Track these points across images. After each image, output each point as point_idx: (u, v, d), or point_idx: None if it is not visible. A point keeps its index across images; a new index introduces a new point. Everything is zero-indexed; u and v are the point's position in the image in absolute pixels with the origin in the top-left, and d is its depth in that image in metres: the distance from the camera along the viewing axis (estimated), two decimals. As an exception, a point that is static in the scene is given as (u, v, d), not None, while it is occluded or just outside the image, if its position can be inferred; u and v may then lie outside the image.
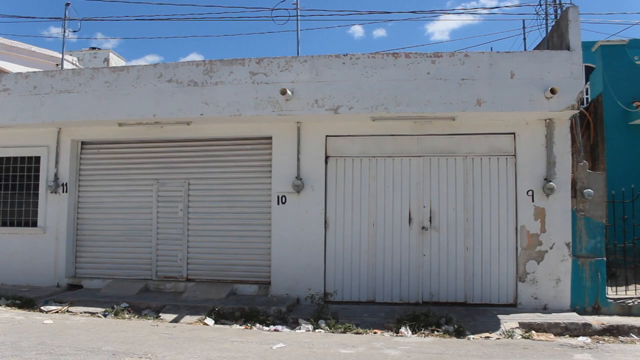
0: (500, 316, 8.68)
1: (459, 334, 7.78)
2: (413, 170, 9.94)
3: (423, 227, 9.83)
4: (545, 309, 9.21)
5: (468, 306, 9.52)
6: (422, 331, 7.91)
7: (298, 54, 11.53)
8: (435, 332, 7.87)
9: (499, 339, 7.62)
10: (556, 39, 9.98)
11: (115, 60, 21.91)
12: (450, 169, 9.86)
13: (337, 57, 9.57)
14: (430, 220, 9.83)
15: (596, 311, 9.25)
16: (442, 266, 9.76)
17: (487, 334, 7.79)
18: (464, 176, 9.81)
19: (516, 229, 9.56)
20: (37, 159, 11.50)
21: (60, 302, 9.69)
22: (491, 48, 23.32)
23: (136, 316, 8.99)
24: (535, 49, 12.63)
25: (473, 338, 7.61)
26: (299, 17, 12.79)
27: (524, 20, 22.44)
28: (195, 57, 66.82)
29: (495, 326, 8.15)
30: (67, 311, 9.28)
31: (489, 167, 9.77)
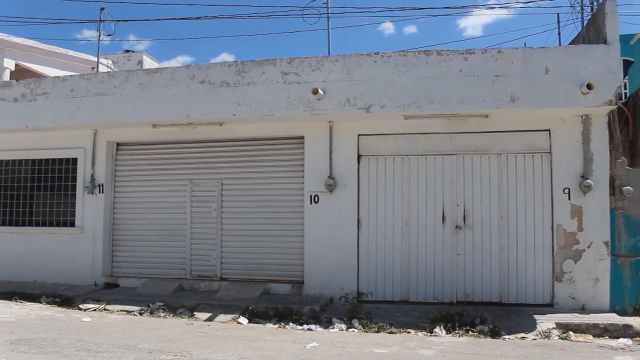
0: (536, 316, 8.52)
1: (494, 334, 7.67)
2: (446, 169, 9.84)
3: (457, 226, 9.73)
4: (583, 310, 9.02)
5: (503, 306, 9.38)
6: (456, 331, 7.82)
7: (329, 53, 11.51)
8: (470, 332, 7.77)
9: (535, 339, 7.49)
10: (592, 33, 9.77)
11: (149, 63, 22.21)
12: (484, 167, 9.74)
13: (369, 56, 9.53)
14: (464, 219, 9.72)
15: (637, 312, 9.05)
16: (477, 265, 9.64)
17: (523, 335, 7.66)
18: (498, 174, 9.67)
19: (552, 227, 9.39)
20: (75, 160, 11.74)
21: (97, 301, 9.86)
22: (525, 43, 22.94)
23: (171, 315, 9.09)
24: (570, 43, 12.39)
25: (508, 338, 7.50)
26: (329, 16, 12.76)
27: (558, 14, 21.99)
28: (225, 57, 67.33)
29: (531, 326, 8.01)
30: (104, 309, 9.45)
31: (523, 165, 9.62)
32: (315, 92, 9.42)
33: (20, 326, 7.63)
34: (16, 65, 16.74)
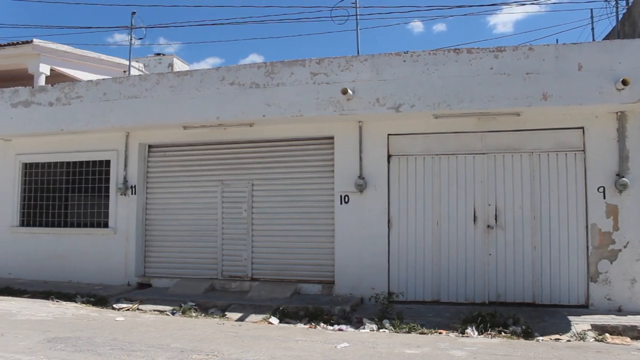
0: (570, 317, 8.38)
1: (527, 335, 7.56)
2: (477, 168, 9.74)
3: (488, 226, 9.62)
4: (619, 311, 8.84)
5: (536, 307, 9.24)
6: (488, 332, 7.73)
7: (358, 53, 11.51)
8: (503, 333, 7.67)
9: (569, 341, 7.36)
10: (628, 27, 9.58)
11: (179, 65, 22.48)
12: (516, 166, 9.61)
13: (398, 55, 9.48)
14: (495, 219, 9.61)
15: (676, 313, 8.79)
16: (509, 265, 9.51)
17: (557, 336, 7.53)
18: (531, 173, 9.53)
19: (586, 227, 9.21)
20: (108, 162, 11.95)
21: (130, 300, 10.01)
22: (557, 40, 22.57)
23: (203, 315, 9.17)
24: (604, 39, 12.16)
25: (542, 340, 7.38)
26: (358, 16, 12.74)
27: (591, 10, 21.64)
28: (255, 58, 67.62)
29: (565, 328, 7.88)
30: (137, 309, 9.58)
31: (556, 163, 9.46)
32: (344, 92, 9.40)
33: (56, 325, 7.79)
34: (51, 70, 17.11)
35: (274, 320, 8.67)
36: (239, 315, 9.01)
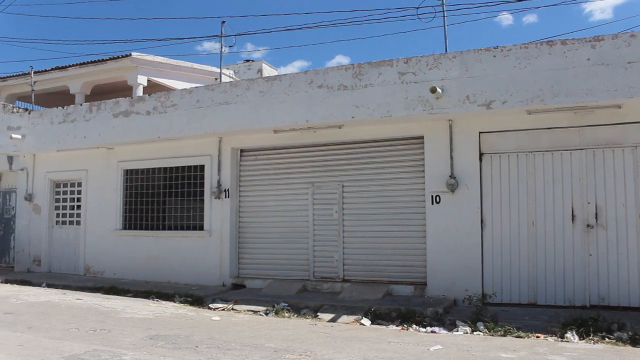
0: (684, 323, 7.81)
1: (635, 342, 7.08)
2: (574, 164, 9.31)
3: (588, 225, 9.17)
4: None
5: (644, 310, 8.71)
6: (590, 337, 7.34)
7: (446, 50, 11.31)
8: (606, 339, 7.26)
9: (683, 347, 6.88)
10: None
11: (268, 70, 22.96)
12: (618, 161, 9.10)
13: (487, 51, 9.24)
14: (596, 217, 9.15)
15: None
16: (612, 267, 9.01)
17: (669, 343, 7.04)
18: (634, 168, 9.00)
19: (699, 225, 8.60)
20: (202, 167, 12.39)
21: (225, 301, 10.31)
22: (662, 26, 21.11)
23: (295, 315, 9.29)
24: None
25: (652, 346, 6.94)
26: (445, 13, 12.53)
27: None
28: (341, 59, 68.01)
29: (678, 334, 7.34)
30: (232, 309, 9.85)
31: (663, 158, 8.89)
32: (433, 90, 9.27)
33: (157, 323, 8.16)
34: (148, 80, 17.97)
35: (366, 321, 8.66)
36: (330, 316, 9.06)
